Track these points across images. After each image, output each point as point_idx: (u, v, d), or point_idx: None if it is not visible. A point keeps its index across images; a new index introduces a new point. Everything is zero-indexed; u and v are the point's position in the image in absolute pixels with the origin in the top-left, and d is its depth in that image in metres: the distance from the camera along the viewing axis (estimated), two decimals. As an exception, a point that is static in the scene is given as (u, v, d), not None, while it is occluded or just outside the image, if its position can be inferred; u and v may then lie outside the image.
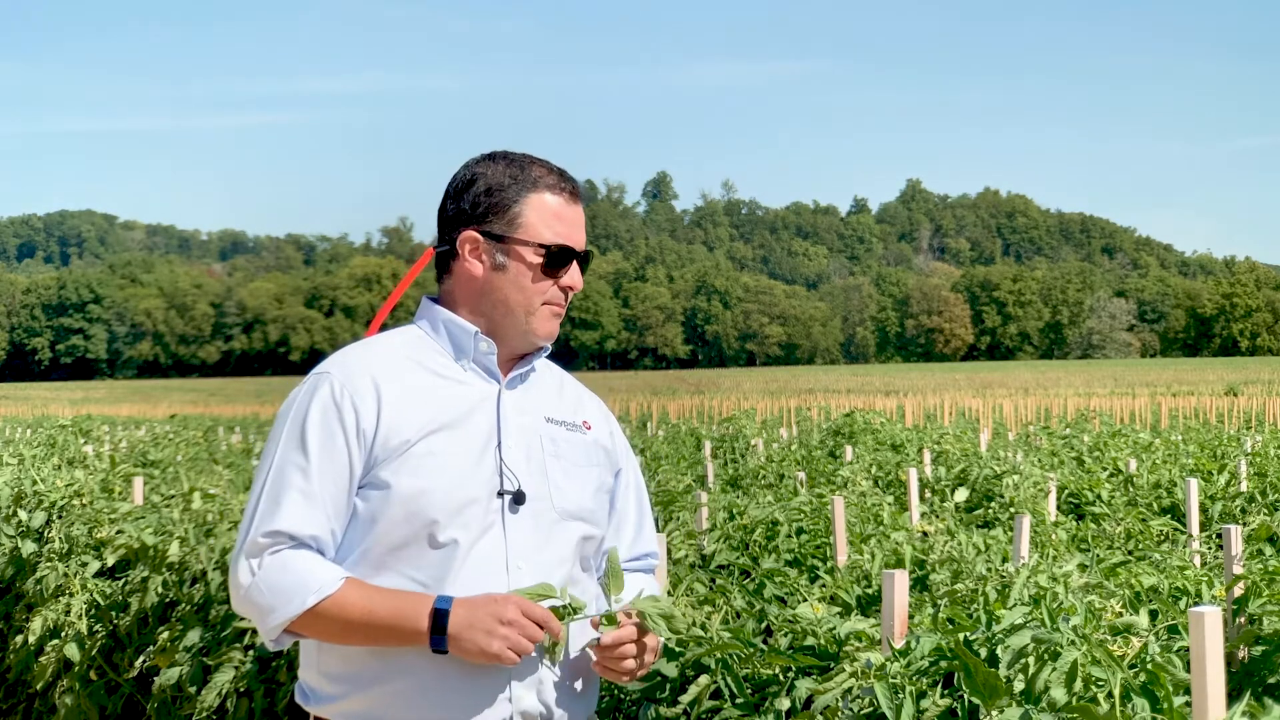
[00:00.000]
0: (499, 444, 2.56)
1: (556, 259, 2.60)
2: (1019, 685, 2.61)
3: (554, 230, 2.60)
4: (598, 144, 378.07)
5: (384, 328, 2.77)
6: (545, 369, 2.75)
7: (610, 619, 2.51)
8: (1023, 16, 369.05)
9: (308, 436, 2.50)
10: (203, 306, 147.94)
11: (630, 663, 2.50)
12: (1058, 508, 7.42)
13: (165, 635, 5.18)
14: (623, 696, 3.70)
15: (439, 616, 2.41)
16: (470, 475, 2.52)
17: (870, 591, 4.30)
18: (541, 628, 2.43)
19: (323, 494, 2.49)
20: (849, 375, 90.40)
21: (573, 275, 2.63)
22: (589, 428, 2.72)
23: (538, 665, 2.51)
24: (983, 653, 2.70)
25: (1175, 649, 2.95)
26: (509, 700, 2.48)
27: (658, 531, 5.33)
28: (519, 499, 2.54)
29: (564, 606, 2.46)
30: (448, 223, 2.66)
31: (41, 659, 5.72)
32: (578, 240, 2.64)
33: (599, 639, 2.51)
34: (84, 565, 5.93)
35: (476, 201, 2.61)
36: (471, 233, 2.61)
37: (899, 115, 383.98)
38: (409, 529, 2.48)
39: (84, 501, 6.87)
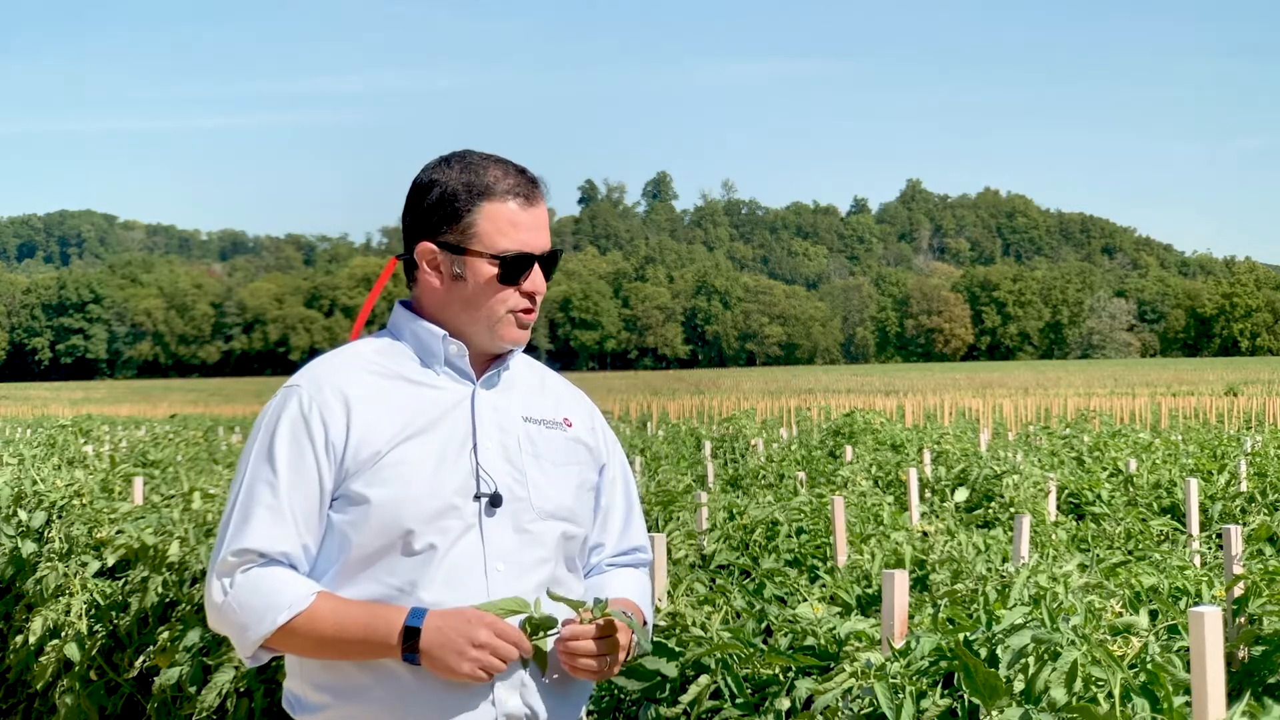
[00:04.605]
0: (475, 446, 2.55)
1: (512, 269, 2.55)
2: (1019, 685, 2.61)
3: (509, 238, 2.55)
4: (598, 144, 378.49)
5: (371, 325, 2.77)
6: (525, 367, 2.72)
7: (601, 609, 2.50)
8: (1022, 16, 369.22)
9: (276, 452, 2.50)
10: (203, 306, 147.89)
11: (593, 661, 2.47)
12: (1058, 508, 7.42)
13: (165, 635, 5.18)
14: (623, 696, 3.69)
15: (410, 634, 2.42)
16: (444, 480, 2.51)
17: (870, 591, 4.30)
18: (515, 647, 2.43)
19: (292, 509, 2.48)
20: (849, 375, 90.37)
21: (534, 280, 2.57)
22: (569, 425, 2.69)
23: (519, 667, 2.50)
24: (983, 653, 2.70)
25: (1175, 649, 2.95)
26: (492, 703, 2.48)
27: (658, 531, 5.36)
28: (495, 501, 2.52)
29: (528, 619, 2.46)
30: (407, 231, 2.63)
31: (41, 659, 5.72)
32: (537, 244, 2.57)
33: (559, 633, 2.49)
34: (84, 565, 5.92)
35: (430, 211, 2.57)
36: (428, 245, 2.58)
37: (899, 115, 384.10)
38: (385, 538, 2.48)
39: (84, 501, 6.87)
